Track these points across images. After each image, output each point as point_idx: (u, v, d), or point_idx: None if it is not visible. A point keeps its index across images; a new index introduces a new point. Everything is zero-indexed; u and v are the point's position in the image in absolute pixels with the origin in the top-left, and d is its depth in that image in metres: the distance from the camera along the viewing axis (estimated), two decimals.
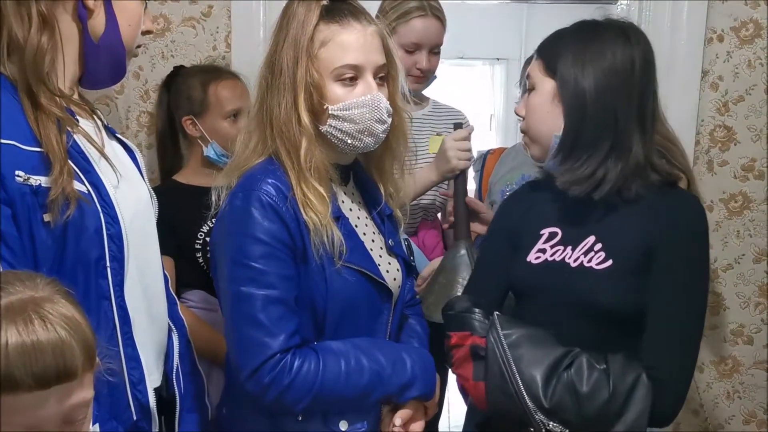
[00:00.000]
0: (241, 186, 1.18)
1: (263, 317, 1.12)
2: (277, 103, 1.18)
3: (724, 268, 2.08)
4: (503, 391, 1.14)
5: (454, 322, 1.23)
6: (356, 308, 1.22)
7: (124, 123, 2.12)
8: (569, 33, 1.26)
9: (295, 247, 1.15)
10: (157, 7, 2.07)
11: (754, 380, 2.11)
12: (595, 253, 1.22)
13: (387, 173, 1.33)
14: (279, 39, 1.20)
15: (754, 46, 1.98)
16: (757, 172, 2.03)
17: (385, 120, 1.21)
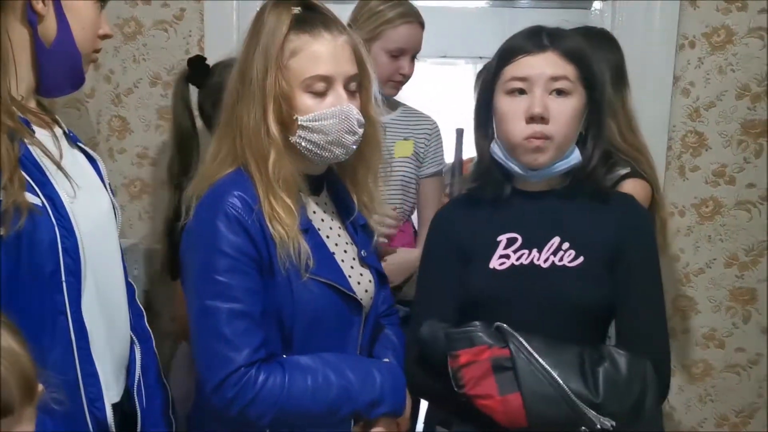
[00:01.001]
0: (207, 198, 1.17)
1: (228, 331, 1.11)
2: (246, 113, 1.17)
3: (695, 272, 2.09)
4: (545, 396, 1.10)
5: (460, 340, 1.16)
6: (324, 321, 1.21)
7: (96, 128, 2.10)
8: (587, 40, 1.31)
9: (261, 260, 1.14)
10: (128, 10, 2.05)
11: (726, 383, 2.14)
12: (564, 252, 1.22)
13: (360, 183, 1.31)
14: (249, 48, 1.18)
15: (725, 52, 1.99)
16: (728, 178, 2.04)
17: (356, 131, 1.20)
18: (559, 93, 1.20)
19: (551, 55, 1.21)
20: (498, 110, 1.24)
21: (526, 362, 1.12)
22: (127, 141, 2.10)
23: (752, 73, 1.99)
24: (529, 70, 1.20)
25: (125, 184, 2.10)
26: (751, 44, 1.98)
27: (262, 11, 1.20)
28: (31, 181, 1.05)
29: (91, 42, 1.17)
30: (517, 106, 1.21)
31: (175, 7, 2.05)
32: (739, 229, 2.06)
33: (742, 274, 2.08)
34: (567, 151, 1.23)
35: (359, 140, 1.22)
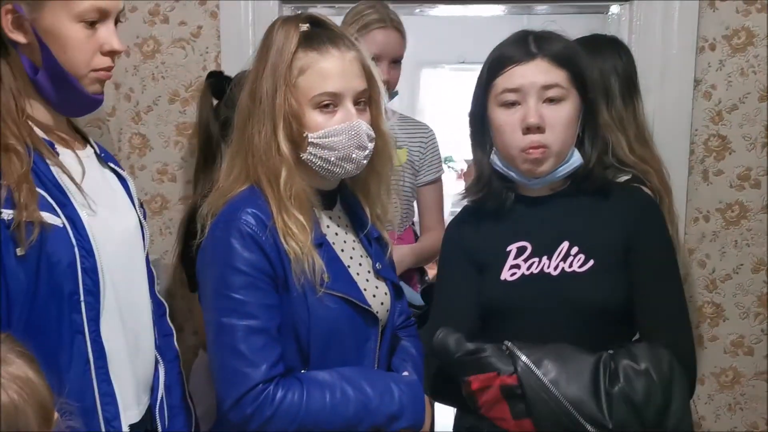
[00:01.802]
0: (221, 216, 1.18)
1: (244, 348, 1.12)
2: (257, 132, 1.18)
3: (722, 278, 2.05)
4: (557, 422, 1.09)
5: (470, 366, 1.15)
6: (341, 335, 1.21)
7: (117, 145, 2.13)
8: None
9: (276, 276, 1.15)
10: (146, 30, 2.08)
11: (755, 391, 2.09)
12: (573, 257, 1.22)
13: (373, 196, 1.32)
14: (259, 67, 1.20)
15: (746, 54, 1.96)
16: (753, 181, 2.00)
17: (366, 146, 1.20)
18: (552, 100, 1.19)
19: (540, 62, 1.19)
20: (493, 122, 1.23)
21: (536, 390, 1.10)
22: (147, 158, 2.13)
23: None
24: (521, 80, 1.19)
25: (146, 200, 2.12)
26: None
27: (271, 29, 1.21)
28: (52, 201, 1.07)
29: (85, 62, 1.14)
30: (512, 118, 1.20)
31: (193, 25, 2.08)
32: (765, 234, 2.01)
33: None
34: (567, 155, 1.22)
35: (370, 154, 1.23)
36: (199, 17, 2.07)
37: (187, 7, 2.07)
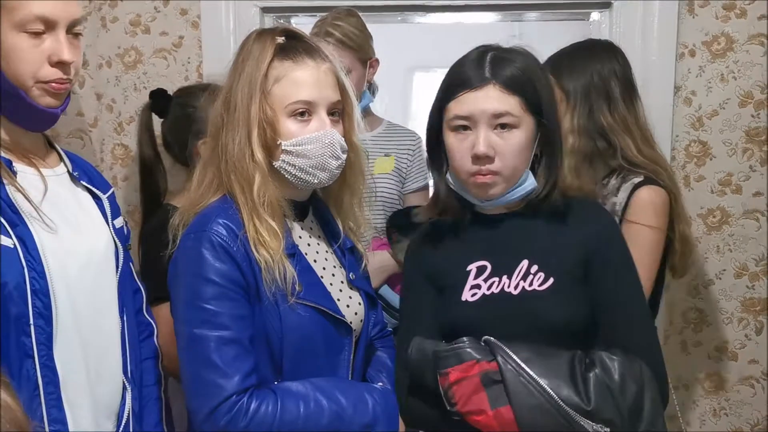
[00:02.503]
0: (192, 227, 1.18)
1: (217, 358, 1.11)
2: (231, 139, 1.19)
3: (705, 284, 2.05)
4: (536, 407, 1.09)
5: (449, 358, 1.15)
6: (314, 345, 1.21)
7: (99, 156, 2.13)
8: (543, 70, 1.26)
9: (248, 286, 1.15)
10: (128, 40, 2.09)
11: (740, 396, 2.09)
12: (533, 275, 1.22)
13: (345, 208, 1.33)
14: (234, 76, 1.21)
15: (726, 59, 1.96)
16: (735, 187, 2.00)
17: (339, 156, 1.21)
18: (504, 127, 1.17)
19: (492, 89, 1.16)
20: (446, 145, 1.23)
21: (515, 374, 1.11)
22: (130, 168, 2.12)
23: (754, 80, 1.95)
24: (471, 107, 1.17)
25: (129, 211, 2.12)
26: (751, 51, 1.95)
27: (247, 41, 1.23)
28: (3, 220, 1.05)
29: (30, 73, 1.10)
30: (463, 144, 1.19)
31: (174, 35, 2.08)
32: (747, 239, 2.02)
33: (753, 285, 2.03)
34: (519, 179, 1.21)
35: (342, 165, 1.24)
36: (180, 27, 2.07)
37: (168, 17, 2.07)
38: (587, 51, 1.65)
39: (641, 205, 1.51)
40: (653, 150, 1.61)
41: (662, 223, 1.53)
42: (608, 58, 1.62)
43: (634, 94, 1.63)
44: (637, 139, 1.58)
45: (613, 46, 1.70)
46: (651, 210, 1.50)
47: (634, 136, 1.58)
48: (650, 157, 1.57)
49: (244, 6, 2.06)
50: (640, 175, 1.54)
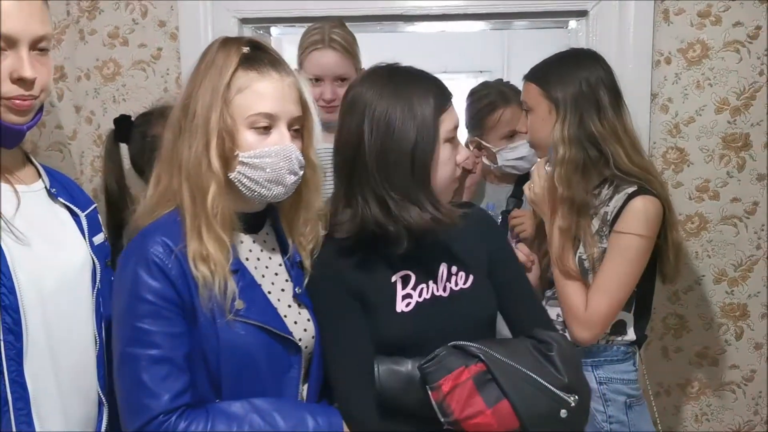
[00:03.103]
0: (131, 245, 1.16)
1: (146, 378, 1.10)
2: (188, 146, 1.16)
3: (684, 290, 2.06)
4: (528, 394, 1.17)
5: (438, 371, 1.18)
6: (255, 363, 1.17)
7: (78, 169, 2.13)
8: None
9: (183, 303, 1.13)
10: (106, 52, 2.09)
11: (722, 402, 2.09)
12: (455, 275, 1.30)
13: (296, 225, 1.29)
14: (195, 83, 1.18)
15: (702, 66, 1.97)
16: (712, 193, 2.01)
17: (297, 171, 1.19)
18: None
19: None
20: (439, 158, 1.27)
21: (502, 370, 1.18)
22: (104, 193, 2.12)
23: (730, 86, 1.96)
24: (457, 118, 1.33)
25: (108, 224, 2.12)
26: (727, 58, 1.96)
27: (211, 48, 1.20)
28: None
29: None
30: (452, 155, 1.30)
31: (152, 47, 2.08)
32: (726, 245, 2.03)
33: (732, 290, 2.04)
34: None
35: (299, 181, 1.22)
36: (158, 39, 2.08)
37: (146, 29, 2.07)
38: (573, 59, 1.64)
39: (634, 215, 1.50)
40: (642, 158, 1.61)
41: (652, 232, 1.53)
42: (594, 66, 1.61)
43: (620, 102, 1.62)
44: (627, 147, 1.57)
45: (597, 54, 1.69)
46: (643, 219, 1.50)
47: (624, 144, 1.57)
48: (641, 165, 1.57)
49: (223, 17, 2.06)
50: (634, 185, 1.53)
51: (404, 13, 2.07)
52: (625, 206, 1.51)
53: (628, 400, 1.58)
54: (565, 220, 1.55)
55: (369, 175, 1.23)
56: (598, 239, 1.54)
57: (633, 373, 1.60)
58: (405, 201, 1.22)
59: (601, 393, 1.57)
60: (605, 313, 1.52)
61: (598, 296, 1.52)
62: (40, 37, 1.14)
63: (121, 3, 2.06)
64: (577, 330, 1.54)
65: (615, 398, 1.57)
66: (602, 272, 1.52)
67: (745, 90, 1.97)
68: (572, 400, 1.19)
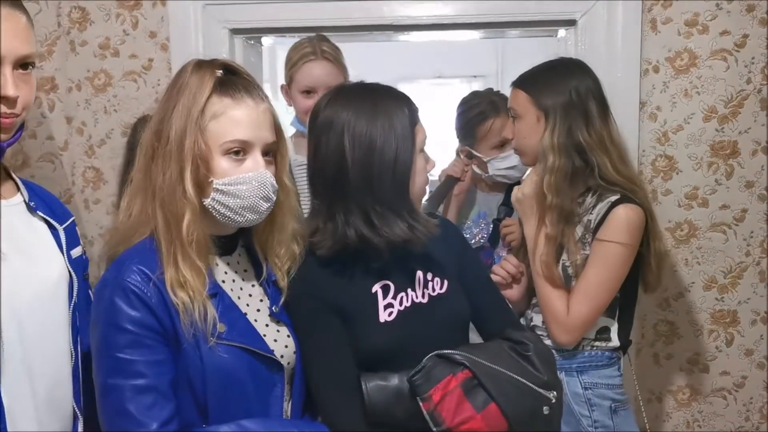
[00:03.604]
0: (108, 274, 1.15)
1: (132, 408, 1.08)
2: (161, 172, 1.14)
3: (674, 297, 2.07)
4: (513, 396, 1.21)
5: (427, 381, 1.20)
6: (240, 385, 1.17)
7: (70, 180, 2.13)
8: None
9: (165, 331, 1.12)
10: (97, 63, 2.10)
11: (713, 408, 2.10)
12: (431, 281, 1.33)
13: (270, 246, 1.28)
14: (168, 107, 1.16)
15: (689, 75, 1.99)
16: (701, 200, 2.02)
17: (270, 197, 1.19)
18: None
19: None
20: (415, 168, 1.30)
21: (487, 375, 1.22)
22: (101, 191, 2.13)
23: (718, 94, 1.98)
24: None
25: (102, 234, 2.12)
26: (714, 66, 1.97)
27: (183, 71, 1.19)
28: None
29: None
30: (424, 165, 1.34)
31: (143, 58, 2.09)
32: (715, 252, 2.04)
33: (722, 297, 2.05)
34: None
35: (272, 207, 1.21)
36: (149, 50, 2.08)
37: (137, 40, 2.08)
38: (563, 69, 1.65)
39: (617, 222, 1.52)
40: (628, 168, 1.62)
41: (634, 240, 1.54)
42: (583, 76, 1.62)
43: (607, 112, 1.64)
44: (614, 157, 1.58)
45: (584, 64, 1.70)
46: (625, 228, 1.52)
47: (611, 154, 1.58)
48: (626, 176, 1.58)
49: (214, 28, 2.07)
50: (617, 193, 1.55)
51: (395, 23, 2.08)
52: (608, 214, 1.52)
53: (614, 405, 1.59)
54: (553, 227, 1.57)
55: (352, 190, 1.24)
56: (581, 246, 1.56)
57: (618, 378, 1.62)
58: (388, 213, 1.25)
59: (586, 398, 1.58)
60: (586, 317, 1.56)
61: (579, 301, 1.55)
62: (24, 56, 1.15)
63: (111, 14, 2.07)
64: (557, 334, 1.58)
65: (600, 403, 1.58)
66: (583, 278, 1.55)
67: (733, 98, 1.98)
68: (552, 396, 1.24)
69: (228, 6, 2.07)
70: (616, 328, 1.61)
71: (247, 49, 2.18)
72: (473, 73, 6.34)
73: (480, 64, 6.08)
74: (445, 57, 5.44)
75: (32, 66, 1.18)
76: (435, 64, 5.73)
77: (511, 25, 2.09)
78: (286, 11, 2.06)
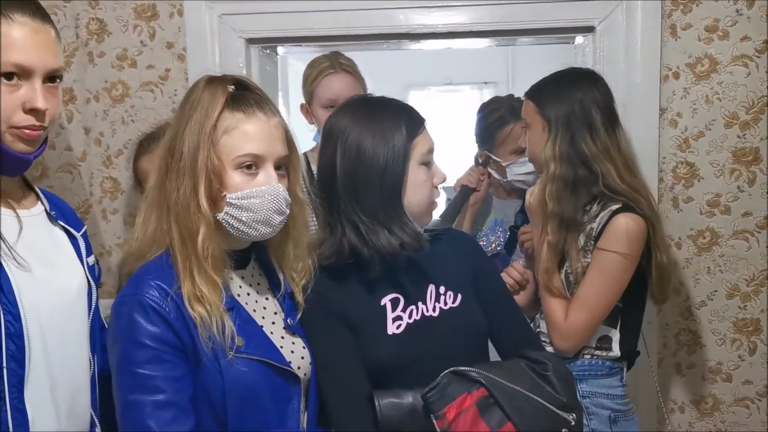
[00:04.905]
0: (126, 290, 1.15)
1: (153, 423, 1.08)
2: (175, 188, 1.15)
3: (697, 305, 2.04)
4: (530, 416, 1.18)
5: (442, 399, 1.19)
6: (259, 398, 1.17)
7: (88, 190, 2.14)
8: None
9: (184, 346, 1.13)
10: (114, 74, 2.10)
11: (736, 418, 2.07)
12: (444, 295, 1.32)
13: (286, 259, 1.29)
14: (181, 122, 1.17)
15: (710, 81, 1.96)
16: (723, 207, 2.00)
17: (284, 211, 1.19)
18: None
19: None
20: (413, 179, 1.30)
21: (504, 393, 1.19)
22: (119, 201, 2.13)
23: (739, 100, 1.96)
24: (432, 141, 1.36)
25: (119, 244, 2.12)
26: (735, 72, 1.95)
27: (195, 87, 1.20)
28: None
29: (2, 119, 1.11)
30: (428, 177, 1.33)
31: (161, 68, 2.09)
32: (738, 259, 2.01)
33: (745, 305, 2.02)
34: None
35: (285, 220, 1.22)
36: (166, 60, 2.09)
37: (154, 50, 2.09)
38: (570, 80, 1.65)
39: (616, 232, 1.51)
40: (635, 177, 1.62)
41: (634, 250, 1.53)
42: (590, 87, 1.62)
43: (615, 122, 1.64)
44: (619, 166, 1.58)
45: (595, 74, 1.70)
46: (624, 237, 1.51)
47: (616, 164, 1.58)
48: (631, 185, 1.58)
49: (230, 37, 2.07)
50: (619, 202, 1.54)
51: (410, 31, 2.08)
52: (608, 223, 1.52)
53: (613, 415, 1.58)
54: (554, 235, 1.57)
55: (343, 200, 1.26)
56: (583, 254, 1.56)
57: (620, 389, 1.60)
58: (375, 225, 1.25)
59: (584, 406, 1.57)
60: (583, 326, 1.56)
61: (577, 309, 1.55)
62: (54, 69, 1.16)
63: (129, 25, 2.08)
64: (556, 340, 1.59)
65: (598, 412, 1.58)
66: (582, 286, 1.55)
67: (754, 104, 1.96)
68: (572, 418, 1.21)
69: (244, 16, 2.07)
70: (618, 337, 1.60)
71: (262, 59, 2.18)
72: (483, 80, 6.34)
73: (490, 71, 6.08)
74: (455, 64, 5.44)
75: (59, 79, 1.19)
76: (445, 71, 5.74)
77: (528, 32, 2.08)
78: (302, 21, 2.06)
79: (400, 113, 1.30)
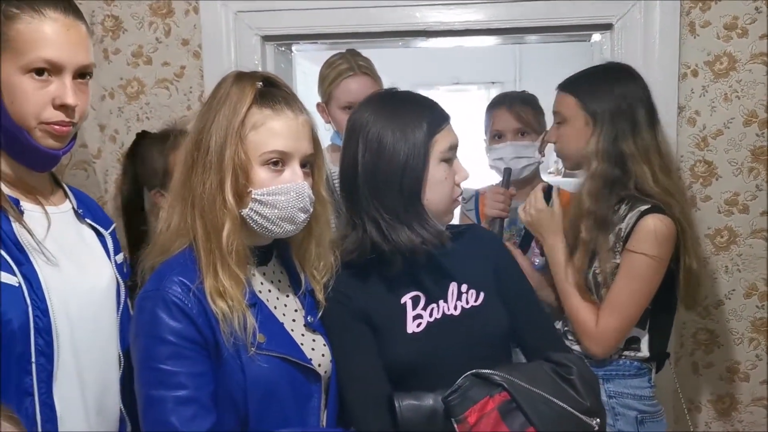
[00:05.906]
0: (149, 285, 1.15)
1: (174, 419, 1.08)
2: (201, 182, 1.15)
3: (715, 304, 2.03)
4: (553, 421, 1.16)
5: (463, 402, 1.18)
6: (279, 395, 1.17)
7: (103, 187, 2.13)
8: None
9: (206, 342, 1.12)
10: (130, 71, 2.10)
11: (753, 417, 2.06)
12: (466, 293, 1.31)
13: (308, 258, 1.29)
14: (208, 117, 1.17)
15: (729, 79, 1.95)
16: (742, 206, 1.99)
17: (308, 209, 1.19)
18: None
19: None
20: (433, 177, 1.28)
21: (526, 397, 1.17)
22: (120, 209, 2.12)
23: (758, 99, 1.94)
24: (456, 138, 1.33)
25: None
26: (754, 70, 1.94)
27: (224, 82, 1.20)
28: (9, 259, 1.06)
29: (33, 114, 1.11)
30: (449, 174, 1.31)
31: (176, 65, 2.09)
32: (756, 258, 2.00)
33: (763, 305, 2.01)
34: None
35: (309, 218, 1.21)
36: (181, 57, 2.08)
37: (169, 48, 2.08)
38: (613, 74, 1.63)
39: (645, 233, 1.49)
40: (670, 179, 1.58)
41: (663, 252, 1.51)
42: (633, 82, 1.60)
43: (655, 120, 1.61)
44: (656, 167, 1.56)
45: (634, 70, 1.67)
46: (653, 239, 1.49)
47: (653, 165, 1.55)
48: (665, 188, 1.55)
49: (245, 35, 2.07)
50: (648, 203, 1.52)
51: (426, 28, 2.07)
52: (636, 223, 1.50)
53: (640, 416, 1.57)
54: (588, 233, 1.55)
55: (364, 196, 1.26)
56: (612, 255, 1.54)
57: (648, 390, 1.59)
58: (395, 222, 1.25)
59: (610, 406, 1.56)
60: (616, 329, 1.53)
61: (609, 313, 1.53)
62: (84, 66, 1.16)
63: (144, 22, 2.07)
64: (589, 346, 1.56)
65: (625, 413, 1.56)
66: (613, 290, 1.53)
67: None
68: (595, 424, 1.19)
69: (259, 13, 2.06)
70: (647, 339, 1.58)
71: (278, 56, 2.18)
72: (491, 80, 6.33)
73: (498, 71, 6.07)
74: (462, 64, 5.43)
75: (90, 75, 1.18)
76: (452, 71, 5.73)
77: (545, 30, 2.07)
78: (317, 18, 2.05)
79: (422, 109, 1.28)
